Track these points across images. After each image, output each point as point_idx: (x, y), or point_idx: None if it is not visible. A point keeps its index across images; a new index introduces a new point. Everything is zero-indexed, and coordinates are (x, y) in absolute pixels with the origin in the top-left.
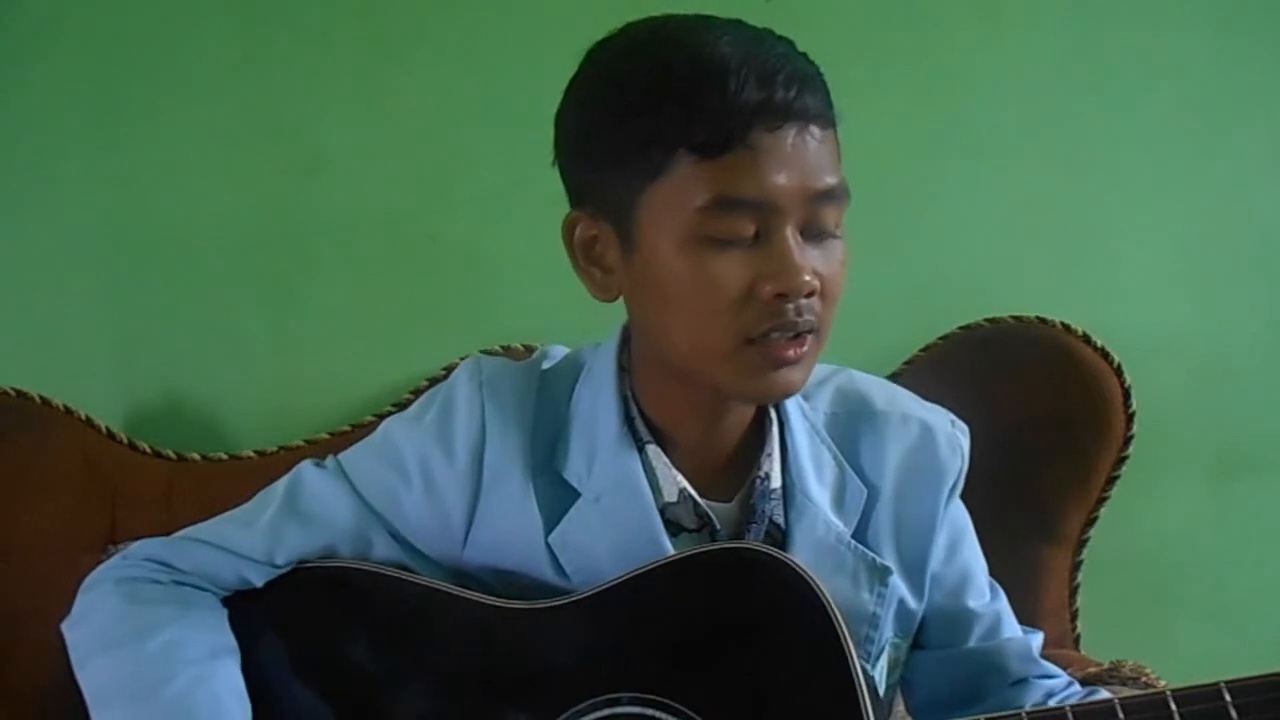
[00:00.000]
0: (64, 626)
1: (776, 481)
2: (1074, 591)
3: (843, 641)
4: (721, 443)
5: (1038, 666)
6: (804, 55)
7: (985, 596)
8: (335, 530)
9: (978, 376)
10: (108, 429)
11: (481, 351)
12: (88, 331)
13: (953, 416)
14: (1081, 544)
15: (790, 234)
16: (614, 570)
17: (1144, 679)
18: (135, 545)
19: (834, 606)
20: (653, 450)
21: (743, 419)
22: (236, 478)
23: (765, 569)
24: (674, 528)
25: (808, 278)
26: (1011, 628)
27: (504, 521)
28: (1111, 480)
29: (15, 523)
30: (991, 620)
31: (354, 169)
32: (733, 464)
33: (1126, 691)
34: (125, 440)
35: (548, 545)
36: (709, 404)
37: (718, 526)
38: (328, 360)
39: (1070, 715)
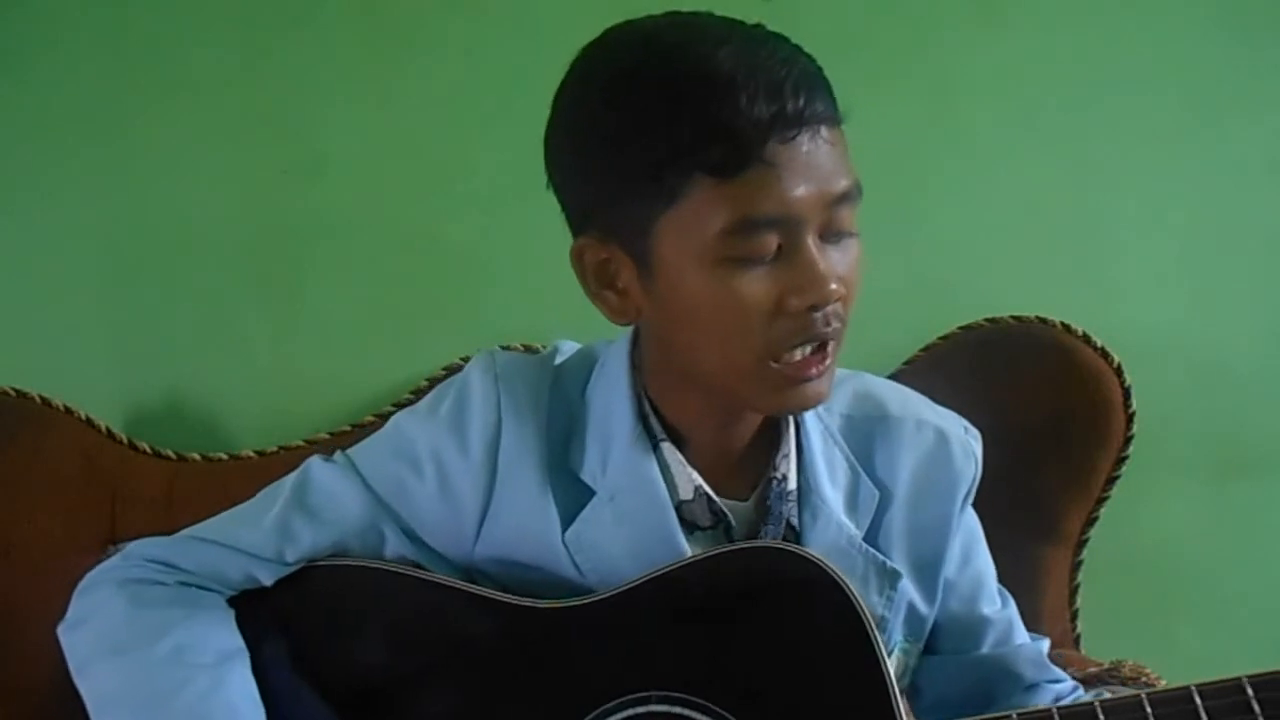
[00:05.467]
0: (61, 630)
1: (793, 483)
2: (1074, 591)
3: (872, 639)
4: (735, 442)
5: (1048, 671)
6: (804, 54)
7: (997, 603)
8: (345, 525)
9: (978, 376)
10: (108, 429)
11: None
12: (88, 331)
13: (965, 423)
14: (1081, 544)
15: (812, 243)
16: (630, 568)
17: (1144, 679)
18: (134, 545)
19: (863, 605)
20: (667, 448)
21: (755, 420)
22: (236, 478)
23: (792, 568)
24: (689, 526)
25: (834, 285)
26: (1022, 634)
27: (518, 516)
28: (1111, 480)
29: (15, 522)
30: (1004, 627)
31: (354, 169)
32: (747, 463)
33: (1127, 692)
34: (125, 440)
35: (564, 543)
36: (725, 409)
37: (733, 523)
38: (328, 360)
39: (1100, 711)
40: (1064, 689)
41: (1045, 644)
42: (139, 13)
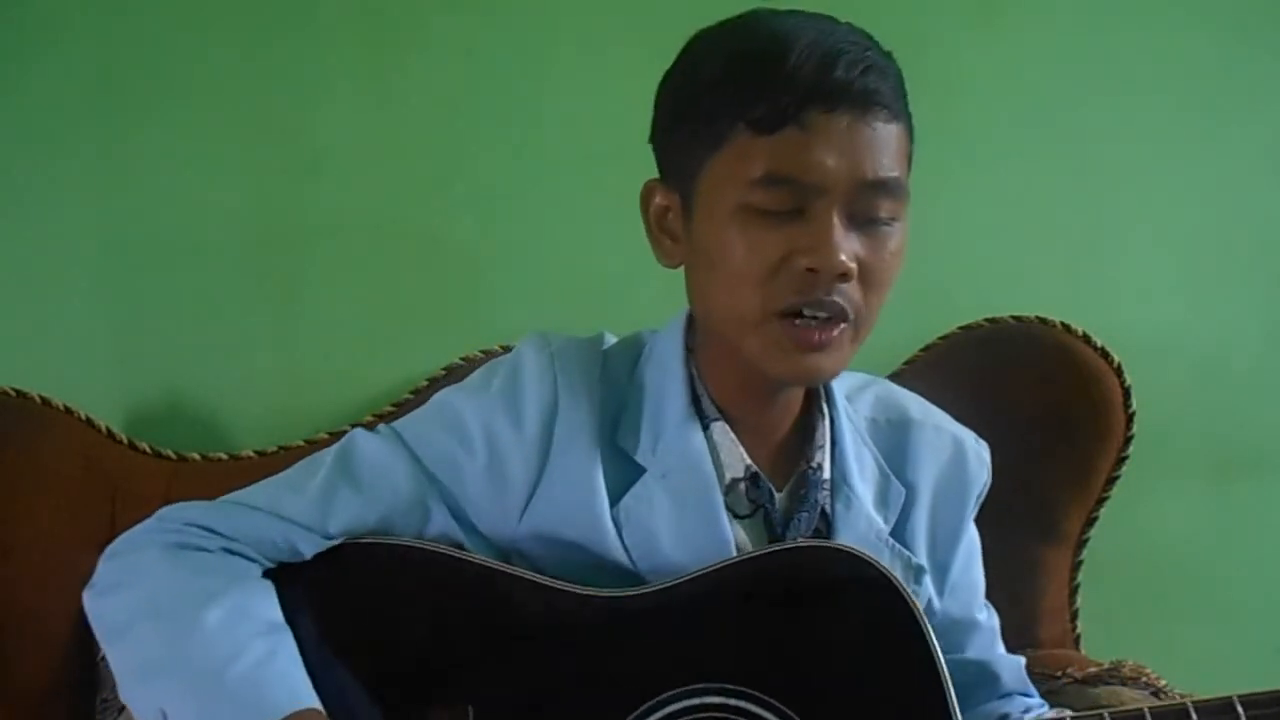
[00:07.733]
0: (89, 595)
1: (827, 472)
2: (1074, 591)
3: (925, 634)
4: (773, 427)
5: (1025, 685)
6: (883, 52)
7: (985, 612)
8: (392, 497)
9: (978, 376)
10: (108, 429)
11: (481, 352)
12: (88, 331)
13: (975, 435)
14: (1081, 544)
15: (835, 215)
16: (673, 548)
17: (1144, 679)
18: (168, 509)
19: (915, 603)
20: (719, 427)
21: (792, 402)
22: (236, 478)
23: (842, 566)
24: (729, 513)
25: (843, 258)
26: (1001, 646)
27: (567, 493)
28: (1111, 480)
29: (15, 522)
30: (989, 635)
31: (354, 169)
32: (783, 456)
33: (1127, 692)
34: (125, 440)
35: (613, 519)
36: (758, 382)
37: (776, 507)
38: (328, 360)
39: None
40: (1033, 703)
41: (1023, 661)
42: (139, 13)
